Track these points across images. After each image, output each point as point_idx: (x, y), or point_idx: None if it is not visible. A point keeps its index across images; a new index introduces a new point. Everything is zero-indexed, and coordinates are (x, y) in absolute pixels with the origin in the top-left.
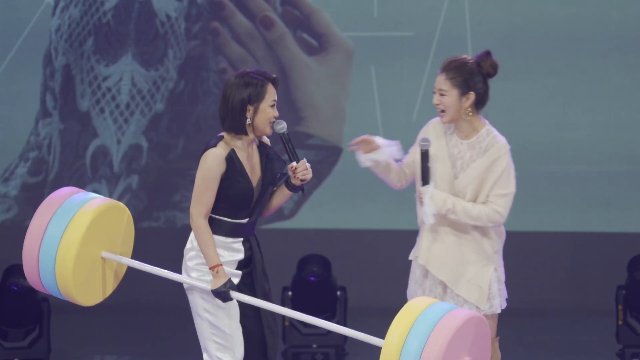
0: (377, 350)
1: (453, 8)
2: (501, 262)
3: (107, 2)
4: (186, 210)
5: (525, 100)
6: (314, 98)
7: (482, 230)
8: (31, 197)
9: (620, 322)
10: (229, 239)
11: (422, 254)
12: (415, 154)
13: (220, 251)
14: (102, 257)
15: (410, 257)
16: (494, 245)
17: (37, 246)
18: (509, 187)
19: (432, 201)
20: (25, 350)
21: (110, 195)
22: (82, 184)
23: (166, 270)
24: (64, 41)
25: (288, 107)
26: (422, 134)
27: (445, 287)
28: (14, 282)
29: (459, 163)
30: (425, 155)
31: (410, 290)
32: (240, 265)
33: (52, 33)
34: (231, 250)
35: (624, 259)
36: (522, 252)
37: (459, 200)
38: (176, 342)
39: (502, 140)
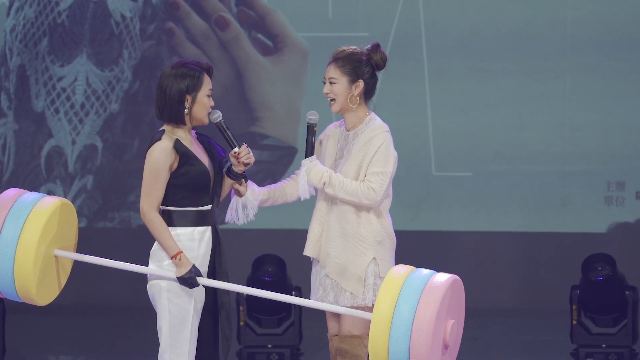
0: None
1: (408, 9)
2: (386, 258)
3: (62, 2)
4: None
5: (479, 101)
6: (269, 98)
7: (364, 220)
8: None
9: (574, 322)
10: (197, 229)
11: (310, 246)
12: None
13: (189, 244)
14: (54, 255)
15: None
16: (377, 236)
17: None
18: (386, 166)
19: (308, 174)
20: None
21: (65, 196)
22: (36, 185)
23: (123, 262)
24: (19, 41)
25: (243, 107)
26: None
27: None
28: None
29: (344, 153)
30: (310, 129)
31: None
32: (212, 258)
33: (7, 33)
34: (200, 243)
35: (578, 259)
36: (476, 252)
37: (337, 174)
38: (131, 342)
39: (379, 122)
